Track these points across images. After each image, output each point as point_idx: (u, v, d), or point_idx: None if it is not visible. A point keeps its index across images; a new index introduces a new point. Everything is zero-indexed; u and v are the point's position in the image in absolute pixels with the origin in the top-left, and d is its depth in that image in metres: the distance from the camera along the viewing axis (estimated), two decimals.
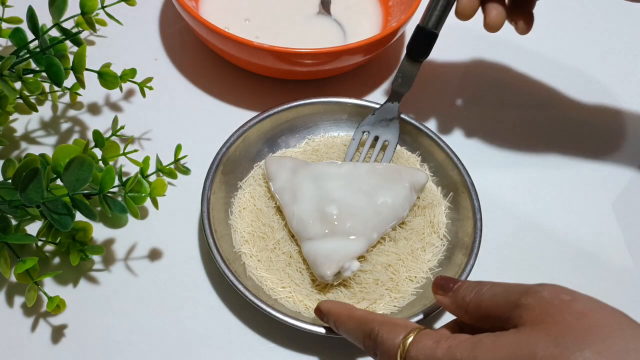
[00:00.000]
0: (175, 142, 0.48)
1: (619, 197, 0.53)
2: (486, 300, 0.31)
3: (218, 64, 0.58)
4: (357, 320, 0.36)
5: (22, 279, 0.39)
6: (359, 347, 0.36)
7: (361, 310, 0.38)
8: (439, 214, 0.48)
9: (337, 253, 0.42)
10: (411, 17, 0.54)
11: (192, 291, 0.45)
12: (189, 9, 0.51)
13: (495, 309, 0.31)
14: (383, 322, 0.34)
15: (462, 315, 0.33)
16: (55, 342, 0.42)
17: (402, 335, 0.32)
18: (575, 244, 0.50)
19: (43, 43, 0.43)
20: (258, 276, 0.44)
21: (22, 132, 0.51)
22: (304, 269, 0.44)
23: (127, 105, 0.54)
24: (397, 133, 0.50)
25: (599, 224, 0.52)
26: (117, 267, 0.45)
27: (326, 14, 0.60)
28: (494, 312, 0.31)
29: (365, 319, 0.36)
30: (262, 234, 0.45)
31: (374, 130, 0.50)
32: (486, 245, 0.45)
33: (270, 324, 0.43)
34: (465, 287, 0.33)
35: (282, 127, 0.51)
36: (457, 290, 0.34)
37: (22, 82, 0.41)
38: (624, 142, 0.57)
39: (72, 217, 0.38)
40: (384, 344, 0.33)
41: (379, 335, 0.34)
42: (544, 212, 0.52)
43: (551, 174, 0.54)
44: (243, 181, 0.48)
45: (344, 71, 0.56)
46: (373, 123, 0.50)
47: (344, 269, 0.42)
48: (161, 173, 0.47)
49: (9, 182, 0.40)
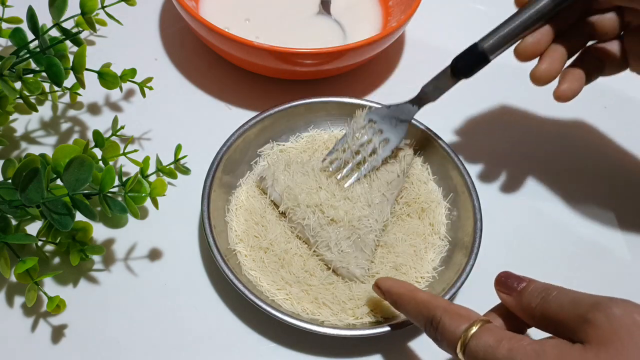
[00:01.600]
0: (175, 142, 0.48)
1: (619, 197, 0.53)
2: (553, 310, 0.31)
3: (218, 64, 0.58)
4: (419, 303, 0.36)
5: (22, 279, 0.39)
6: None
7: (424, 293, 0.37)
8: (439, 214, 0.48)
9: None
10: (411, 17, 0.54)
11: (192, 291, 0.45)
12: (189, 9, 0.51)
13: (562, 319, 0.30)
14: (446, 310, 0.34)
15: (526, 318, 0.33)
16: (55, 342, 0.42)
17: (464, 327, 0.32)
18: (575, 244, 0.50)
19: (43, 43, 0.43)
20: (254, 276, 0.44)
21: (22, 132, 0.51)
22: (298, 271, 0.44)
23: (127, 105, 0.54)
24: (401, 137, 0.48)
25: (600, 224, 0.52)
26: (117, 267, 0.45)
27: (326, 14, 0.60)
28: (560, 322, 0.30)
29: (428, 304, 0.36)
30: (255, 233, 0.45)
31: (381, 123, 0.48)
32: (486, 245, 0.45)
33: (270, 323, 0.43)
34: (531, 291, 0.33)
35: (282, 127, 0.51)
36: (522, 292, 0.33)
37: (22, 82, 0.41)
38: (627, 141, 0.57)
39: (72, 217, 0.38)
40: (445, 332, 0.33)
41: (440, 322, 0.34)
42: (544, 212, 0.52)
43: (551, 174, 0.54)
44: (242, 180, 0.48)
45: (344, 71, 0.56)
46: (383, 116, 0.48)
47: None
48: (161, 173, 0.47)
49: (9, 182, 0.40)
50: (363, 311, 0.42)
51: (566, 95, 0.44)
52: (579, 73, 0.44)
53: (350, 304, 0.43)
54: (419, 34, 0.63)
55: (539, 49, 0.44)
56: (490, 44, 0.43)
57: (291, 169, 0.47)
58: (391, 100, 0.51)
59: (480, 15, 0.66)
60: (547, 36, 0.44)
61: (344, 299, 0.43)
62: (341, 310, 0.42)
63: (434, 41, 0.63)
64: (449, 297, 0.42)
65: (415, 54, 0.62)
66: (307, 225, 0.44)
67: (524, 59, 0.44)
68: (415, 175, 0.50)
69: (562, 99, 0.44)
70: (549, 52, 0.44)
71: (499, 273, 0.35)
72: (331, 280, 0.44)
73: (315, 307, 0.42)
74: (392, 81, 0.59)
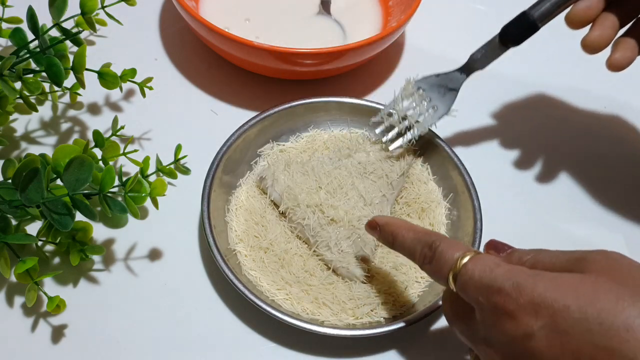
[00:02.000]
0: (175, 142, 0.48)
1: (620, 197, 0.53)
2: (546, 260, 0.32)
3: (218, 64, 0.58)
4: (418, 232, 0.37)
5: (22, 279, 0.39)
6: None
7: (422, 227, 0.39)
8: (439, 214, 0.48)
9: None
10: (411, 17, 0.54)
11: (192, 291, 0.45)
12: (189, 9, 0.51)
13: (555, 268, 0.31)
14: (444, 238, 0.36)
15: None
16: (55, 342, 0.41)
17: (460, 252, 0.34)
18: (575, 245, 0.50)
19: (43, 43, 0.43)
20: (254, 276, 0.44)
21: (22, 132, 0.51)
22: (298, 271, 0.44)
23: (127, 105, 0.54)
24: (450, 105, 0.47)
25: (600, 224, 0.52)
26: (117, 267, 0.45)
27: (326, 14, 0.60)
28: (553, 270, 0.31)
29: (428, 232, 0.37)
30: (255, 233, 0.45)
31: (430, 91, 0.47)
32: None
33: (270, 323, 0.43)
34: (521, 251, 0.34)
35: (282, 126, 0.51)
36: (513, 251, 0.35)
37: (22, 82, 0.41)
38: (627, 143, 0.57)
39: (72, 217, 0.38)
40: (442, 256, 0.34)
41: (439, 247, 0.35)
42: (545, 212, 0.52)
43: (552, 174, 0.54)
44: (242, 180, 0.48)
45: (344, 71, 0.56)
46: (432, 84, 0.47)
47: None
48: (161, 173, 0.47)
49: (9, 182, 0.40)
50: (363, 311, 0.42)
51: (620, 64, 0.43)
52: (632, 42, 0.44)
53: (350, 304, 0.43)
54: (419, 34, 0.63)
55: (591, 16, 0.43)
56: (541, 11, 0.43)
57: (291, 169, 0.47)
58: (390, 100, 0.51)
59: (480, 15, 0.66)
60: (598, 3, 0.43)
61: (344, 299, 0.43)
62: (341, 310, 0.42)
63: (434, 41, 0.63)
64: None
65: (415, 54, 0.62)
66: (307, 225, 0.44)
67: (575, 26, 0.43)
68: (415, 175, 0.50)
69: (616, 67, 0.43)
70: (600, 20, 0.43)
71: (490, 240, 0.37)
72: (331, 280, 0.44)
73: (315, 307, 0.42)
74: (392, 81, 0.59)
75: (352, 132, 0.52)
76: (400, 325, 0.40)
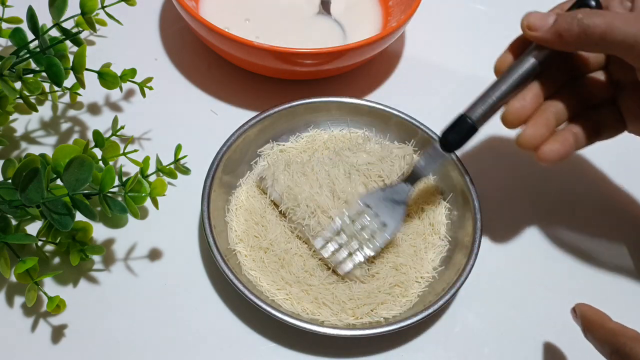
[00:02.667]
0: (175, 142, 0.48)
1: (620, 197, 0.53)
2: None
3: (218, 64, 0.58)
4: (608, 331, 0.36)
5: (22, 279, 0.39)
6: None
7: (615, 323, 0.37)
8: (439, 214, 0.48)
9: None
10: (411, 17, 0.54)
11: (192, 291, 0.45)
12: (189, 9, 0.51)
13: None
14: (636, 339, 0.34)
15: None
16: (55, 342, 0.42)
17: None
18: (576, 245, 0.50)
19: (43, 43, 0.43)
20: (254, 276, 0.44)
21: (22, 132, 0.51)
22: (298, 271, 0.44)
23: (127, 105, 0.54)
24: (399, 221, 0.45)
25: (600, 223, 0.52)
26: (117, 267, 0.45)
27: (326, 14, 0.60)
28: None
29: (618, 332, 0.35)
30: (255, 233, 0.45)
31: (377, 207, 0.45)
32: (486, 245, 0.45)
33: (270, 323, 0.43)
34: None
35: (282, 126, 0.51)
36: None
37: (22, 82, 0.41)
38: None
39: (72, 217, 0.38)
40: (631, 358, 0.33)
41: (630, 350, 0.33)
42: (545, 213, 0.52)
43: (552, 174, 0.54)
44: (242, 180, 0.48)
45: (344, 71, 0.56)
46: (378, 200, 0.45)
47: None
48: (161, 173, 0.47)
49: (9, 182, 0.40)
50: (363, 311, 0.42)
51: (546, 157, 0.41)
52: (565, 135, 0.42)
53: (350, 304, 0.43)
54: (419, 34, 0.63)
55: (525, 114, 0.41)
56: (478, 114, 0.42)
57: (291, 169, 0.47)
58: (391, 100, 0.51)
59: (480, 15, 0.66)
60: (532, 99, 0.42)
61: (344, 299, 0.43)
62: (341, 310, 0.42)
63: (434, 41, 0.63)
64: (448, 297, 0.42)
65: (415, 54, 0.62)
66: (307, 225, 0.44)
67: (511, 126, 0.42)
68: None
69: (543, 160, 0.41)
70: (534, 116, 0.42)
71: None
72: (331, 280, 0.44)
73: (315, 307, 0.42)
74: (392, 81, 0.59)
75: (352, 132, 0.52)
76: (400, 325, 0.40)
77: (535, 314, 0.46)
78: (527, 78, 0.42)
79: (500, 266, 0.48)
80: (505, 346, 0.44)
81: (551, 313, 0.46)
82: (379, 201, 0.45)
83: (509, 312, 0.46)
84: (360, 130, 0.52)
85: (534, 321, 0.45)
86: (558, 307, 0.44)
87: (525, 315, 0.46)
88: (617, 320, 0.37)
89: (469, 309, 0.46)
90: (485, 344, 0.44)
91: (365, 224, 0.44)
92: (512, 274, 0.48)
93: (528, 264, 0.49)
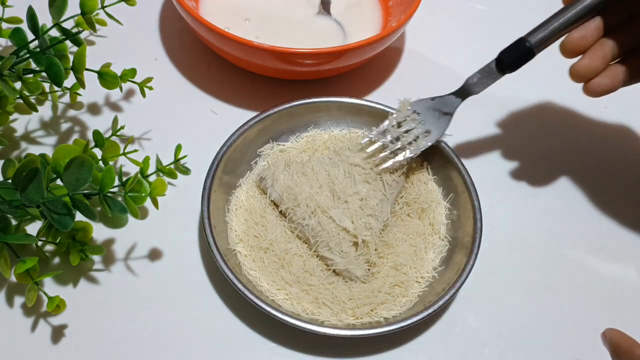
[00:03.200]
0: (175, 142, 0.48)
1: (621, 196, 0.53)
2: None
3: (218, 64, 0.58)
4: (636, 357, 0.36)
5: (22, 279, 0.39)
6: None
7: None
8: (439, 214, 0.48)
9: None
10: (411, 17, 0.54)
11: (192, 291, 0.45)
12: (189, 9, 0.51)
13: None
14: None
15: None
16: (55, 342, 0.42)
17: None
18: (576, 246, 0.50)
19: (43, 43, 0.43)
20: (254, 276, 0.44)
21: (22, 132, 0.51)
22: (298, 271, 0.44)
23: (127, 105, 0.54)
24: (444, 129, 0.47)
25: (600, 223, 0.52)
26: (117, 267, 0.45)
27: (326, 14, 0.60)
28: None
29: None
30: (255, 233, 0.45)
31: (424, 114, 0.47)
32: (486, 245, 0.45)
33: (270, 323, 0.43)
34: None
35: (282, 126, 0.51)
36: None
37: (22, 82, 0.41)
38: (628, 142, 0.57)
39: (72, 217, 0.38)
40: None
41: None
42: (545, 212, 0.52)
43: (552, 174, 0.54)
44: (242, 180, 0.48)
45: (344, 71, 0.56)
46: (426, 108, 0.47)
47: None
48: (161, 173, 0.47)
49: (9, 182, 0.40)
50: (363, 311, 0.42)
51: (593, 90, 0.42)
52: (616, 71, 0.43)
53: (350, 304, 0.43)
54: (419, 34, 0.63)
55: (585, 45, 0.42)
56: (538, 39, 0.43)
57: (291, 169, 0.47)
58: (391, 100, 0.51)
59: (480, 15, 0.66)
60: (594, 32, 0.42)
61: (344, 299, 0.43)
62: (341, 310, 0.42)
63: (434, 41, 0.63)
64: (448, 297, 0.42)
65: (416, 54, 0.62)
66: (307, 225, 0.44)
67: (569, 55, 0.42)
68: (415, 175, 0.50)
69: (589, 93, 0.42)
70: (592, 49, 0.42)
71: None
72: (331, 280, 0.44)
73: (315, 307, 0.42)
74: (392, 81, 0.59)
75: (352, 132, 0.52)
76: (400, 325, 0.40)
77: (535, 314, 0.46)
78: (592, 10, 0.42)
79: (500, 266, 0.48)
80: (505, 346, 0.44)
81: (551, 313, 0.46)
82: (427, 109, 0.47)
83: (509, 312, 0.46)
84: (360, 130, 0.52)
85: (534, 321, 0.45)
86: (558, 307, 0.44)
87: (525, 316, 0.46)
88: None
89: (469, 309, 0.46)
90: (485, 344, 0.44)
91: (411, 128, 0.47)
92: (512, 274, 0.48)
93: (528, 264, 0.49)
